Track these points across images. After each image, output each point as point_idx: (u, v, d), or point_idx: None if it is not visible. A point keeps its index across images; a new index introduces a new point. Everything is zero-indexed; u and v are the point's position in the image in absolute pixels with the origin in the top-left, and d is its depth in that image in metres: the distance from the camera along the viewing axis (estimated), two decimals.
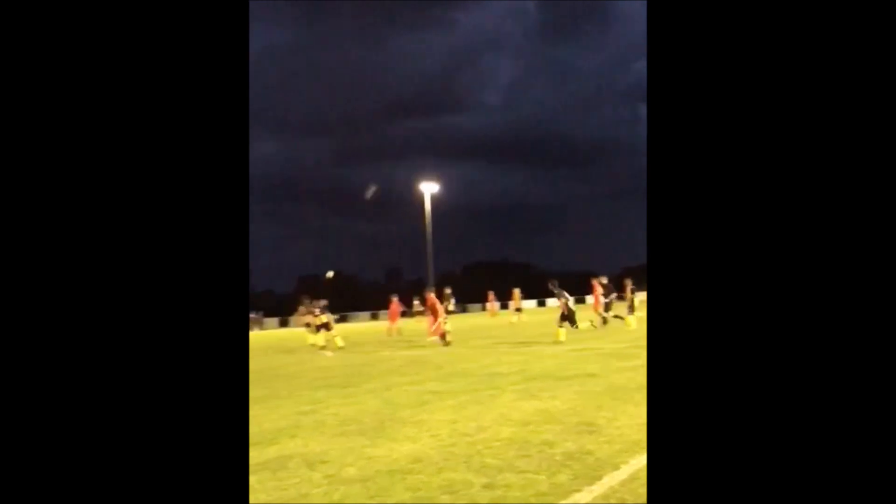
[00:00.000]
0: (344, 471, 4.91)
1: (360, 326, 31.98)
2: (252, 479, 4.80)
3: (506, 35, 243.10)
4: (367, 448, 5.63)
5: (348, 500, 4.17)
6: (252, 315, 61.06)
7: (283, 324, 60.09)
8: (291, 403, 8.75)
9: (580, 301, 27.19)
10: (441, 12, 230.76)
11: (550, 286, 18.34)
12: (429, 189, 73.77)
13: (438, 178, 76.79)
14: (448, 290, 25.13)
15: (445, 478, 4.51)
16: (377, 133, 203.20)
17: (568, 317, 17.00)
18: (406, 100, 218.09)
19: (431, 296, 21.36)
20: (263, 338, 34.52)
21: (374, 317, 62.44)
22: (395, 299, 27.32)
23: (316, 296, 23.57)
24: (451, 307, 25.44)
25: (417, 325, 26.70)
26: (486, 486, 4.23)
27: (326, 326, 20.02)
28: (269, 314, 64.45)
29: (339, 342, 19.45)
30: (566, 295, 17.38)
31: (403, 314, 28.19)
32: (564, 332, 16.54)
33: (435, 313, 20.32)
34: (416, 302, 30.17)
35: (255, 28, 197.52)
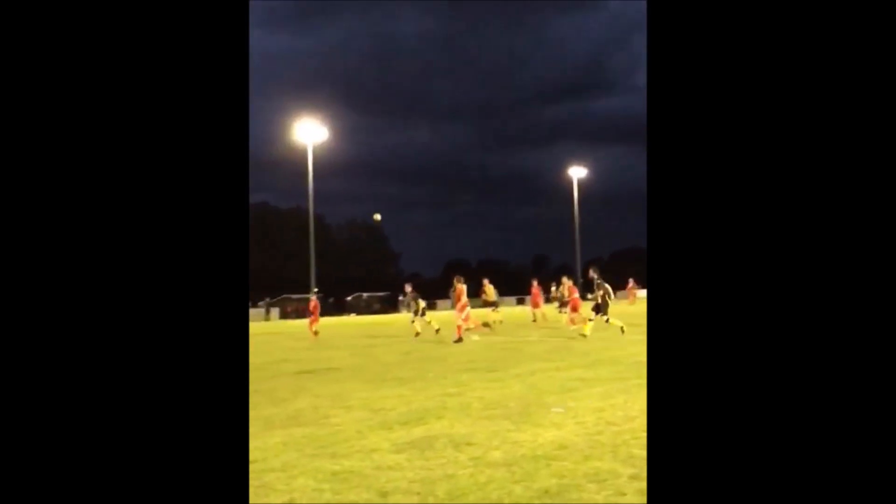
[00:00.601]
0: (489, 454, 4.95)
1: (506, 312, 32.11)
2: (400, 458, 4.96)
3: None
4: (511, 433, 5.65)
5: (494, 484, 4.19)
6: (400, 298, 62.82)
7: (431, 307, 61.45)
8: (438, 385, 8.92)
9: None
10: None
11: (591, 272, 17.20)
12: (577, 174, 72.73)
13: (587, 162, 75.80)
14: (569, 281, 23.96)
15: (591, 466, 4.44)
16: (528, 118, 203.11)
17: (601, 308, 16.10)
18: (556, 84, 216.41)
19: (571, 283, 21.16)
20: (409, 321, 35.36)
21: (521, 302, 62.66)
22: (535, 283, 27.09)
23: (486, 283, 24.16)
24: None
25: (551, 311, 26.46)
26: (633, 477, 4.13)
27: (422, 312, 20.68)
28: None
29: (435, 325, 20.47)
30: (606, 286, 16.47)
31: (546, 300, 27.98)
32: (592, 325, 15.79)
33: (575, 301, 20.03)
34: (553, 288, 29.83)
35: (409, 18, 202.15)
